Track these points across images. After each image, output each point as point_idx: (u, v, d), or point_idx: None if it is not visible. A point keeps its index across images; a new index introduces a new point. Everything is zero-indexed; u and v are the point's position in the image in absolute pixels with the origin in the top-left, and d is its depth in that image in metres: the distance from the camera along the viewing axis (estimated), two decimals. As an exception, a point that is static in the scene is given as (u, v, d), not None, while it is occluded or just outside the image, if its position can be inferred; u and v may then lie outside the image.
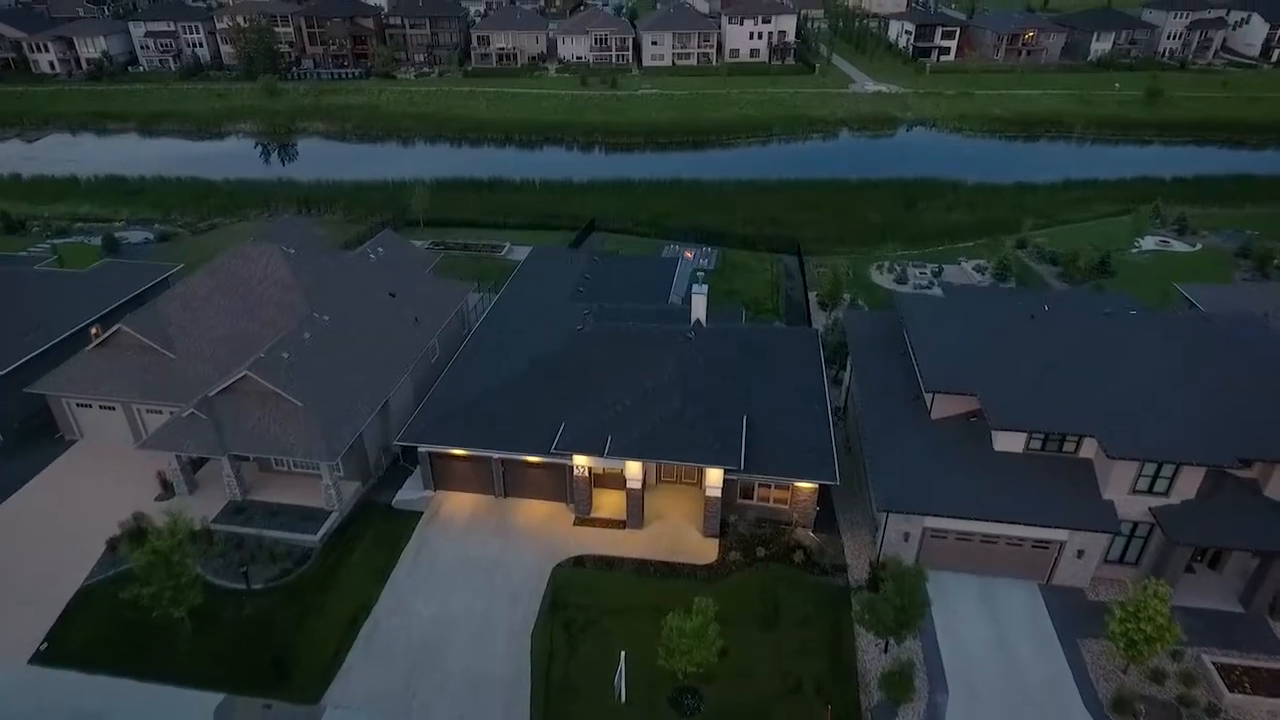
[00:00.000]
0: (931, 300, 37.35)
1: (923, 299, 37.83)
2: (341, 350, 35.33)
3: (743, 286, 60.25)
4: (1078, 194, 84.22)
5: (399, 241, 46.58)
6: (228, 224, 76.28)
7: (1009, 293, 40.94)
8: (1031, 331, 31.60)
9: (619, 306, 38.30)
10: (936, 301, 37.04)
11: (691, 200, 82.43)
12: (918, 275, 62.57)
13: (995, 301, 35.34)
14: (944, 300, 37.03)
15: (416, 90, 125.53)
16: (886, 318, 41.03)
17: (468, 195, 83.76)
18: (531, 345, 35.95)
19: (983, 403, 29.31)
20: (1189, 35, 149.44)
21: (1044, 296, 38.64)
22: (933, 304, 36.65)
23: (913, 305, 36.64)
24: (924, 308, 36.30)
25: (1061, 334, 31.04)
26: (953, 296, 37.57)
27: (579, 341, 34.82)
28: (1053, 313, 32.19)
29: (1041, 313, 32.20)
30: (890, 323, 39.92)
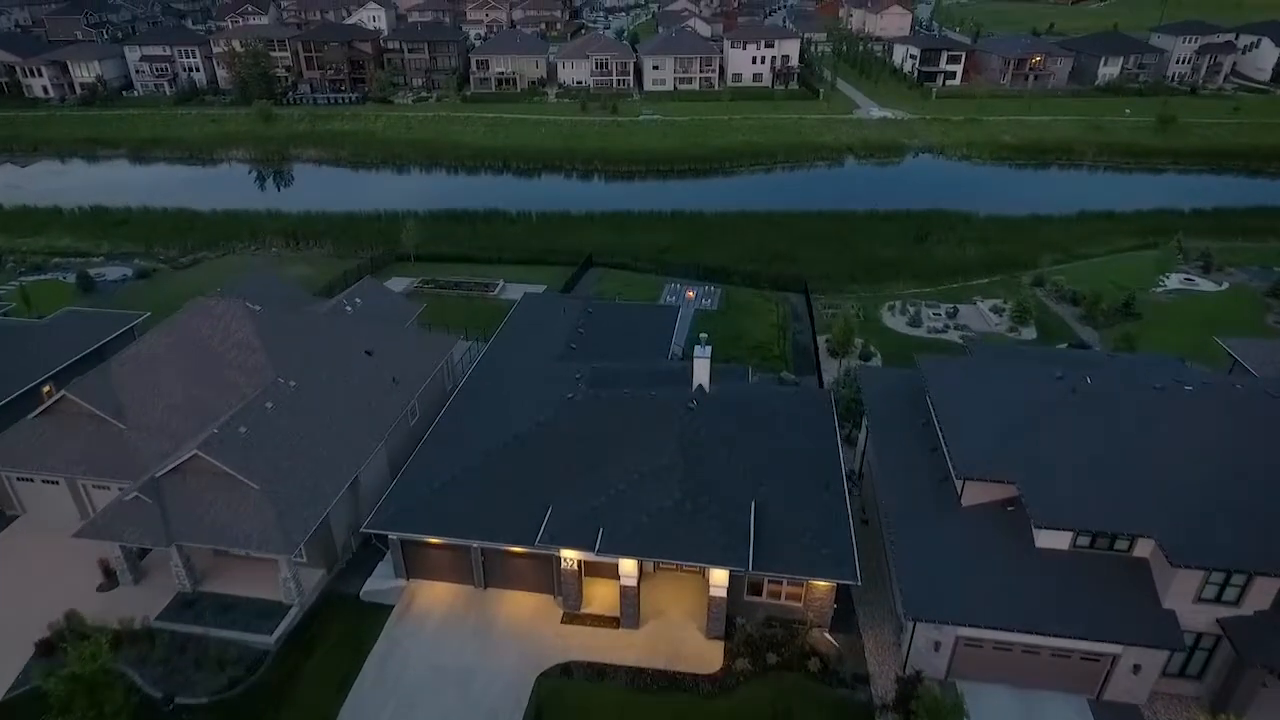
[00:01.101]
0: (957, 364, 34.00)
1: (947, 363, 34.45)
2: (308, 420, 32.06)
3: (748, 330, 57.10)
4: (1093, 226, 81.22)
5: (380, 290, 43.48)
6: (211, 258, 73.39)
7: (1041, 353, 37.50)
8: (1074, 407, 28.25)
9: (614, 368, 35.02)
10: (962, 365, 33.71)
11: (693, 233, 79.52)
12: (932, 317, 59.38)
13: (1028, 367, 31.95)
14: (970, 364, 33.72)
15: (413, 116, 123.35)
16: (905, 377, 37.72)
17: (461, 227, 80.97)
18: (517, 414, 32.67)
19: (1023, 496, 25.93)
20: (1198, 60, 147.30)
21: (1080, 357, 35.29)
22: (959, 369, 33.31)
23: (937, 372, 33.29)
24: (949, 374, 32.96)
25: (1108, 411, 27.69)
26: (980, 359, 34.26)
27: (569, 412, 31.53)
28: (1096, 384, 28.82)
29: (1084, 385, 28.84)
30: (909, 382, 36.64)
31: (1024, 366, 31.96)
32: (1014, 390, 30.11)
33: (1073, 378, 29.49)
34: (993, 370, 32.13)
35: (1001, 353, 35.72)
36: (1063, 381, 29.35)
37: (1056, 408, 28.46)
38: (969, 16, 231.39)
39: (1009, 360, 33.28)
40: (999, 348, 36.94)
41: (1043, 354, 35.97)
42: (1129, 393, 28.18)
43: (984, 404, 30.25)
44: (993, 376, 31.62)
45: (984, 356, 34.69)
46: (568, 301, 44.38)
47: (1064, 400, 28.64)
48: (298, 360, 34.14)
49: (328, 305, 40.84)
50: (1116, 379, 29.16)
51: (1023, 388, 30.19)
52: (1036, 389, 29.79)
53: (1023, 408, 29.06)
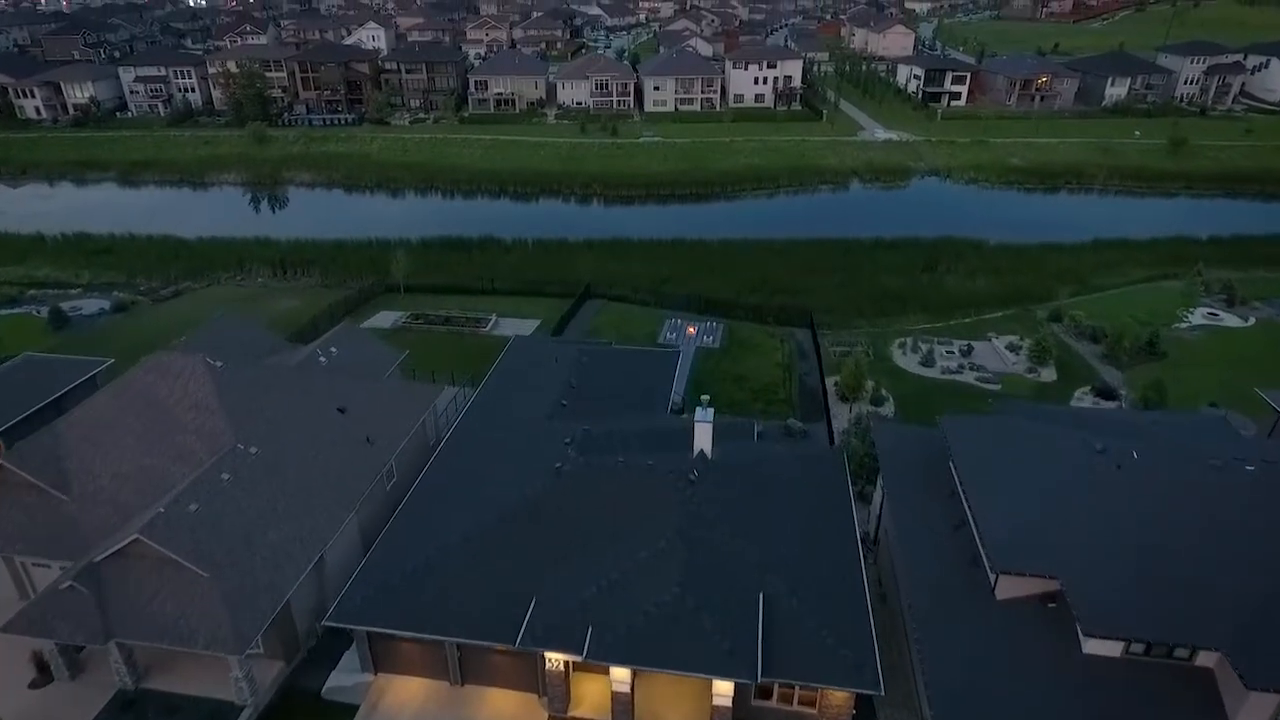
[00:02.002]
0: (982, 426, 30.99)
1: (971, 423, 31.44)
2: (270, 491, 29.10)
3: (751, 370, 54.19)
4: (1108, 255, 78.45)
5: (358, 336, 40.63)
6: (195, 288, 70.82)
7: (1073, 413, 34.50)
8: (1120, 487, 25.26)
9: (608, 429, 32.08)
10: (989, 428, 30.69)
11: (694, 262, 76.81)
12: (945, 355, 56.42)
13: (1063, 433, 28.94)
14: (997, 426, 30.70)
15: (410, 138, 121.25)
16: (924, 435, 34.79)
17: (455, 255, 78.43)
18: (501, 484, 29.68)
19: (1069, 597, 22.88)
20: (1206, 80, 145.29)
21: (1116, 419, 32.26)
22: (985, 432, 30.31)
23: (960, 434, 30.32)
24: (974, 438, 29.97)
25: (1160, 493, 24.68)
26: (1006, 419, 31.23)
27: (557, 484, 28.55)
28: (1144, 459, 25.82)
29: (1129, 460, 25.84)
30: (928, 441, 33.68)
31: (1057, 432, 28.87)
32: (1049, 462, 27.13)
33: (1115, 450, 26.48)
34: (1023, 435, 29.11)
35: (1029, 411, 32.70)
36: (1105, 455, 26.34)
37: (1100, 487, 25.45)
38: (972, 35, 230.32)
39: (1039, 422, 30.19)
40: (1026, 404, 33.93)
41: (1075, 414, 32.99)
42: (1182, 472, 25.17)
43: (1016, 477, 27.25)
44: (1024, 443, 28.62)
45: (1011, 416, 31.63)
46: (560, 347, 41.50)
47: (1108, 478, 25.63)
48: (261, 422, 31.21)
49: (301, 354, 37.98)
50: (1165, 453, 26.13)
51: (1059, 459, 27.20)
52: (1075, 462, 26.79)
53: (1061, 484, 26.05)
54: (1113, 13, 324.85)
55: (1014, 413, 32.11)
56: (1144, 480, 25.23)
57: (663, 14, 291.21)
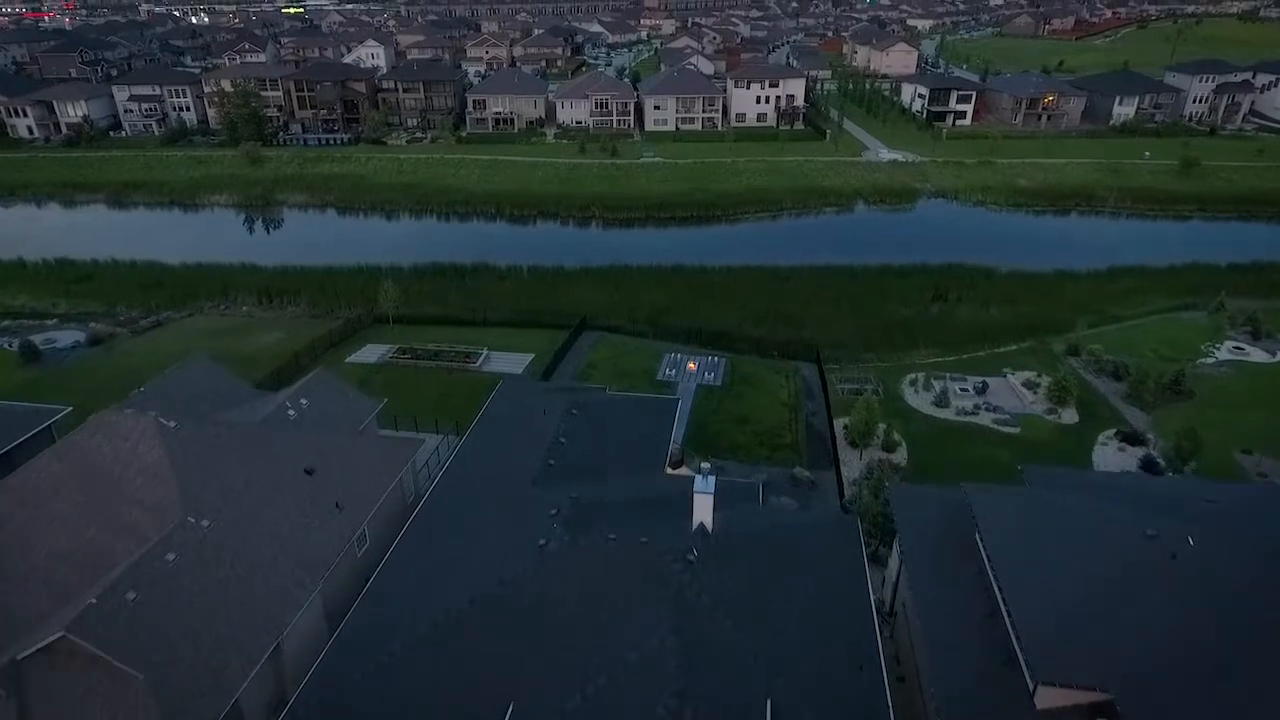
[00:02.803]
0: (1011, 500, 28.03)
1: (999, 496, 28.51)
2: (221, 571, 26.22)
3: (756, 411, 51.32)
4: (1125, 283, 75.70)
5: (332, 385, 37.76)
6: (176, 319, 68.18)
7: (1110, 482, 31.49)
8: (1175, 580, 22.30)
9: (599, 496, 29.19)
10: (1019, 502, 27.75)
11: (695, 290, 74.16)
12: (959, 393, 53.49)
13: (1103, 509, 25.99)
14: (1028, 501, 27.78)
15: (406, 158, 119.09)
16: (946, 500, 31.84)
17: (447, 283, 75.85)
18: (478, 562, 26.77)
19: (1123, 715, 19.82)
20: (1216, 99, 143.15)
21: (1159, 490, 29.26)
22: (1015, 507, 27.37)
23: (988, 509, 27.39)
24: (1004, 513, 27.05)
25: (1223, 591, 21.71)
26: (1039, 493, 28.29)
27: (541, 565, 25.62)
28: (1200, 548, 22.86)
29: (1185, 549, 22.89)
30: (951, 507, 30.72)
31: (1099, 510, 25.91)
32: (1093, 548, 24.18)
33: (1167, 535, 23.50)
34: (1060, 514, 26.14)
35: (1063, 481, 29.76)
36: (1156, 542, 23.37)
37: (1153, 580, 22.49)
38: (975, 53, 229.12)
39: (1076, 496, 27.24)
40: (1059, 473, 30.96)
41: (1113, 482, 29.98)
42: (1247, 563, 22.22)
43: (1054, 564, 24.29)
44: (1061, 523, 25.66)
45: (1043, 489, 28.68)
46: (550, 395, 38.61)
47: (1162, 569, 22.67)
48: (216, 490, 28.34)
49: (270, 405, 35.14)
50: (1225, 540, 23.17)
51: (1104, 544, 24.25)
52: (1123, 548, 23.83)
53: (1108, 576, 23.09)
54: (1115, 30, 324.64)
55: (1046, 483, 29.11)
56: (1203, 573, 22.27)
57: (664, 31, 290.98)
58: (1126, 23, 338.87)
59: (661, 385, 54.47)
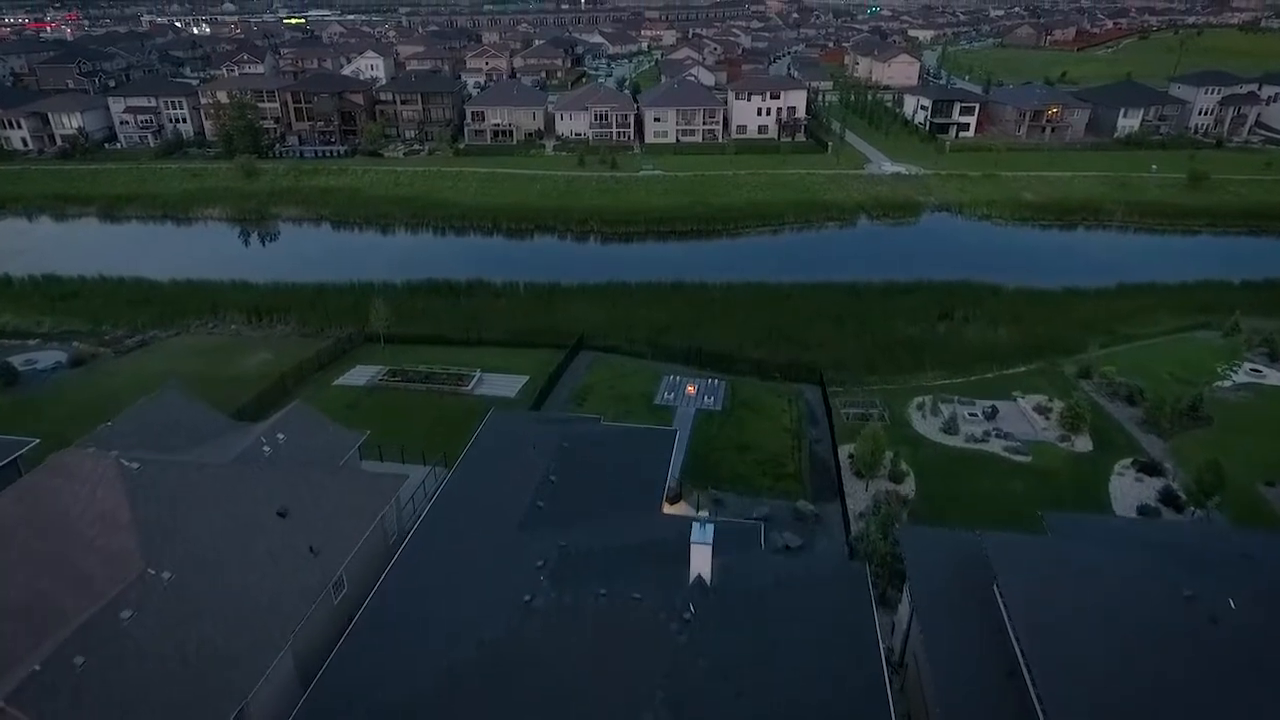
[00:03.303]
0: (1034, 551, 26.16)
1: (1021, 546, 26.62)
2: (182, 629, 24.35)
3: (757, 438, 49.42)
4: (1136, 301, 73.87)
5: (310, 418, 35.93)
6: (163, 338, 66.45)
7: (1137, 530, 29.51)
8: (1215, 650, 20.36)
9: (589, 544, 27.32)
10: (1042, 554, 25.86)
11: (695, 308, 72.40)
12: (968, 418, 51.64)
13: (1136, 566, 24.06)
14: (1052, 553, 25.89)
15: (403, 170, 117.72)
16: (960, 543, 29.97)
17: (441, 301, 74.16)
18: (458, 620, 24.87)
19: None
20: (1221, 111, 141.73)
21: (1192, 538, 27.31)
22: (1038, 559, 25.49)
23: (1009, 561, 25.50)
24: (1026, 566, 25.16)
25: (1266, 662, 19.77)
26: (1067, 550, 26.36)
27: (524, 627, 23.72)
28: (1244, 613, 20.95)
29: (1227, 613, 20.98)
30: (966, 552, 28.86)
31: (1127, 563, 24.00)
32: (1125, 609, 22.25)
33: (1206, 597, 21.60)
34: (1087, 569, 24.23)
35: (1089, 529, 27.86)
36: (1194, 604, 21.45)
37: (1191, 647, 20.56)
38: (977, 64, 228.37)
39: (1103, 549, 25.33)
40: (1083, 520, 29.00)
41: (1141, 532, 28.04)
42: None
43: (1080, 622, 22.38)
44: (1089, 580, 23.74)
45: (1066, 540, 26.76)
46: (541, 427, 36.78)
47: (1201, 636, 20.73)
48: (180, 538, 26.50)
49: (247, 439, 33.31)
50: (1269, 606, 21.23)
51: (1136, 604, 22.33)
52: (1156, 608, 21.93)
53: (1140, 639, 21.19)
54: (1116, 40, 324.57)
55: (1069, 531, 27.18)
56: (1245, 640, 20.34)
57: (665, 42, 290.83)
58: (1128, 33, 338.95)
59: (659, 409, 52.68)
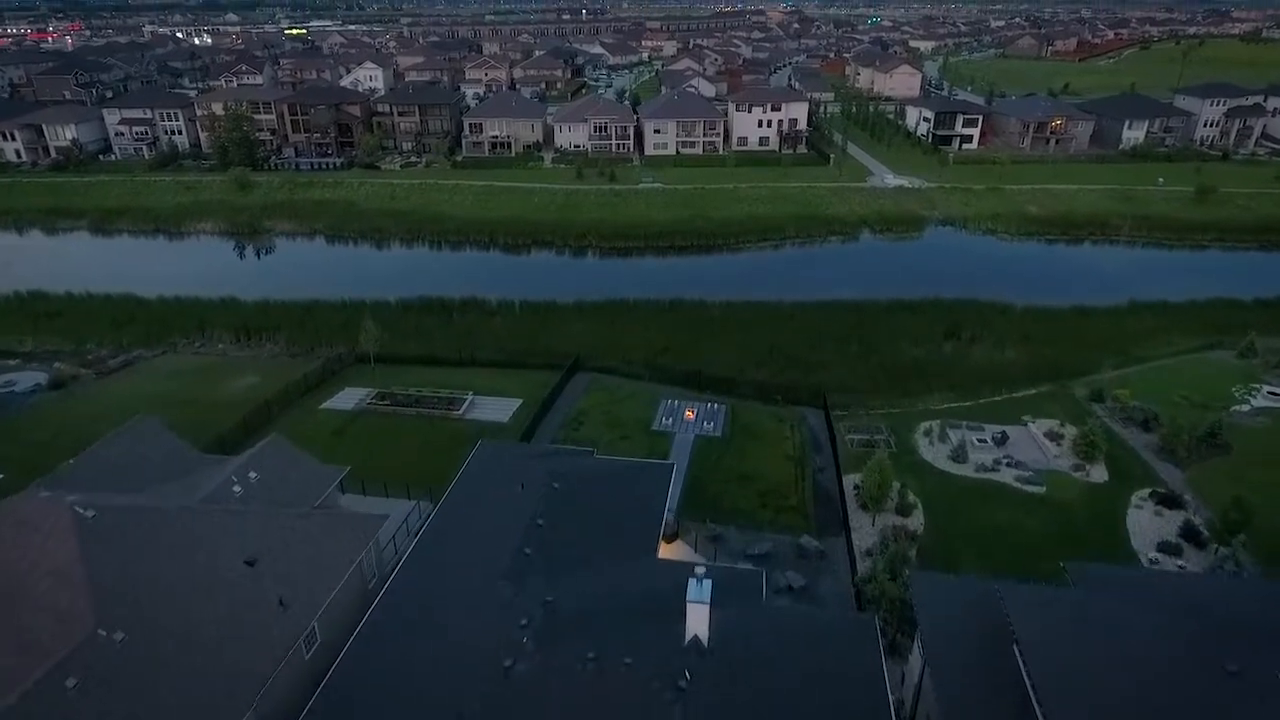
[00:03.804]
0: (1057, 605, 24.25)
1: (1043, 600, 24.73)
2: (133, 697, 22.43)
3: (758, 467, 47.50)
4: (1146, 320, 72.01)
5: (286, 454, 34.04)
6: (147, 358, 64.77)
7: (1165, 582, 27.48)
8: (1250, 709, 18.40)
9: (580, 594, 25.44)
10: (1068, 612, 23.93)
11: (694, 327, 70.59)
12: (977, 445, 49.67)
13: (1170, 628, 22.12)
14: (1080, 612, 23.94)
15: (399, 183, 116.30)
16: (975, 591, 28.07)
17: (435, 319, 72.42)
18: (433, 686, 22.91)
19: None
20: (1227, 123, 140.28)
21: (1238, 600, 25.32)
22: (1063, 618, 23.58)
23: (1029, 617, 23.60)
24: (1048, 623, 23.28)
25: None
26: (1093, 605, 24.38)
27: (505, 696, 21.77)
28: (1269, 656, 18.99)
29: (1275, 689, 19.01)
30: (980, 597, 27.01)
31: (1162, 626, 22.06)
32: (1159, 677, 20.30)
33: (1253, 672, 19.64)
34: (1115, 629, 22.30)
35: (1116, 580, 25.92)
36: (1239, 680, 19.50)
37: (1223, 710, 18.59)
38: (978, 74, 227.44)
39: (1132, 605, 23.39)
40: (1109, 572, 26.99)
41: (1172, 587, 26.03)
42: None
43: (1111, 692, 20.43)
44: (1118, 642, 21.78)
45: (1094, 595, 24.80)
46: (531, 462, 34.87)
47: (1250, 713, 18.77)
48: (136, 594, 24.62)
49: (220, 475, 31.44)
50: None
51: (1170, 673, 20.37)
52: (1194, 678, 19.98)
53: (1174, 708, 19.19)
54: (1118, 50, 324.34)
55: (1093, 583, 25.24)
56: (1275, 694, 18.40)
57: (665, 52, 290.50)
58: (1129, 44, 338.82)
59: (657, 435, 50.83)
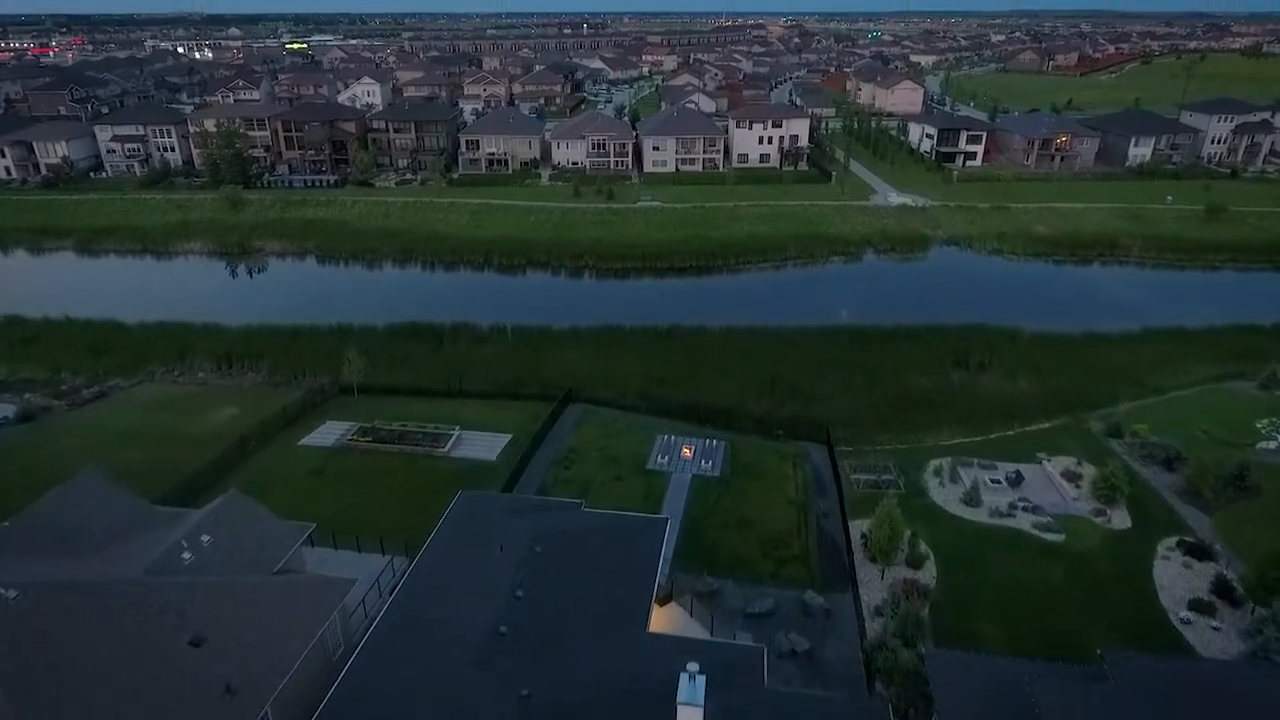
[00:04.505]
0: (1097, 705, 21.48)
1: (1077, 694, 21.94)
2: (50, 813, 19.69)
3: (759, 510, 44.78)
4: (1161, 347, 69.37)
5: (246, 511, 31.35)
6: (124, 387, 62.32)
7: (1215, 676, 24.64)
8: None
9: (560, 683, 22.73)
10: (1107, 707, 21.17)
11: (692, 354, 68.08)
12: (990, 485, 46.99)
13: None
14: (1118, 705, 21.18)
15: (393, 201, 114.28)
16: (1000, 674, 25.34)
17: (424, 346, 69.98)
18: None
19: None
20: (1235, 140, 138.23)
21: None
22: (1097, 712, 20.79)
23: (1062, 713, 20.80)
24: None
25: None
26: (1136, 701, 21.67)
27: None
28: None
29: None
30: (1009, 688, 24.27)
31: None
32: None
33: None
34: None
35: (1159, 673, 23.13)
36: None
37: None
38: (980, 90, 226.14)
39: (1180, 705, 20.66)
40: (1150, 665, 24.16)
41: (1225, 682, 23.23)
42: None
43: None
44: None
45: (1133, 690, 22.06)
46: (513, 523, 32.19)
47: None
48: (63, 688, 21.92)
49: (167, 539, 28.78)
50: None
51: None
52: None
53: None
54: (1119, 65, 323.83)
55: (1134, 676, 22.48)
56: None
57: (666, 67, 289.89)
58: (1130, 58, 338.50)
59: (653, 475, 48.19)
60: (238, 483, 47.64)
